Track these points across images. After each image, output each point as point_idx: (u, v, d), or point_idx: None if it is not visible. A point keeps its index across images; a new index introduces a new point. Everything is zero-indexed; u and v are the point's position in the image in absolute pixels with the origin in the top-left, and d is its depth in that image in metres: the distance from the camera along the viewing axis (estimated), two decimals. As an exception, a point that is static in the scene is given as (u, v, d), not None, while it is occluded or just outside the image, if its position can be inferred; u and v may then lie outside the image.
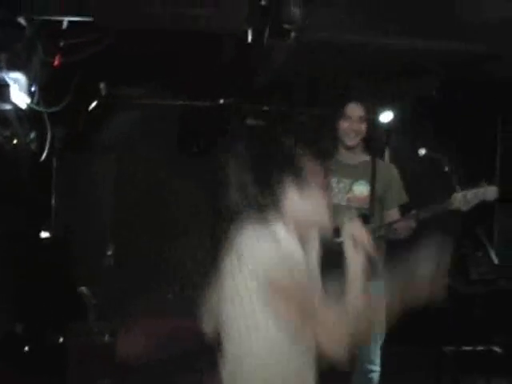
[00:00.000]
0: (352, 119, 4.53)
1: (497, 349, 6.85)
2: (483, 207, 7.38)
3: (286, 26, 4.10)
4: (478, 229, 5.60)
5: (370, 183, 4.59)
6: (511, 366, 6.44)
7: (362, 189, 4.60)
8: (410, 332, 7.59)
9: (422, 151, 5.10)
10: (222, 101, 7.71)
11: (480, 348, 6.35)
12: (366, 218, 4.41)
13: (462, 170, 5.52)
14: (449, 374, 6.51)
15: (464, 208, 4.22)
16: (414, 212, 4.45)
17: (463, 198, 4.21)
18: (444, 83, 7.14)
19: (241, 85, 6.87)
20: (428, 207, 4.39)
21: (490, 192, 4.21)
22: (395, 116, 8.12)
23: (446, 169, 5.12)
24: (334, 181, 4.54)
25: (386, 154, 8.34)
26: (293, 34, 4.20)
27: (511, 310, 6.59)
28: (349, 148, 4.61)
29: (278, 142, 2.81)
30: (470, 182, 4.33)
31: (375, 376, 4.60)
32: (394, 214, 4.70)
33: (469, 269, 6.43)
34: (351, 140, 4.55)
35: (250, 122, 8.17)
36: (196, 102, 7.99)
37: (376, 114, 4.68)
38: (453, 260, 6.57)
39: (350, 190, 4.59)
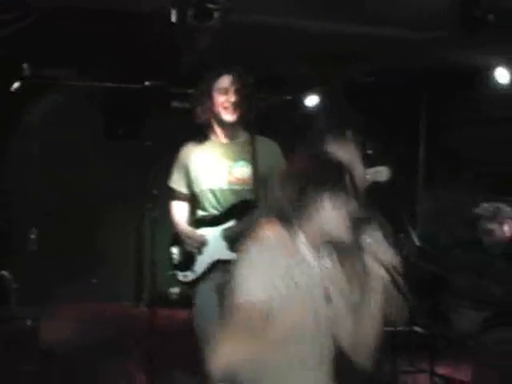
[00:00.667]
0: (227, 92, 4.11)
1: (418, 329, 7.00)
2: (406, 190, 7.52)
3: (210, 6, 4.04)
4: (401, 211, 5.68)
5: (250, 163, 4.20)
6: (432, 346, 6.59)
7: (242, 170, 4.22)
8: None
9: (347, 134, 5.15)
10: (147, 83, 7.64)
11: (401, 328, 6.46)
12: (248, 202, 4.16)
13: (387, 153, 5.64)
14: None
15: None
16: None
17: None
18: (372, 68, 7.24)
19: (167, 67, 6.81)
20: None
21: (380, 173, 4.07)
22: (322, 100, 8.22)
23: (370, 151, 5.19)
24: (211, 163, 4.21)
25: (310, 136, 8.40)
26: (217, 15, 4.15)
27: (432, 292, 6.73)
28: (226, 125, 4.18)
29: None
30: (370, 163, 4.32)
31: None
32: None
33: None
34: (230, 114, 4.11)
35: (175, 104, 8.12)
36: (122, 84, 7.90)
37: (252, 85, 4.23)
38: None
39: (230, 172, 4.20)
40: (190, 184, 4.31)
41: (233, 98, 4.10)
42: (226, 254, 4.09)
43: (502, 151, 7.20)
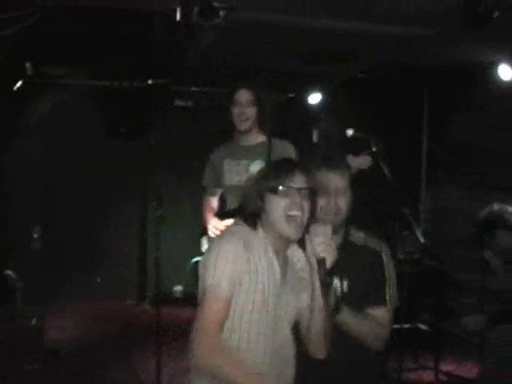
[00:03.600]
0: (241, 104, 4.66)
1: (422, 326, 7.00)
2: (409, 188, 7.51)
3: (216, 5, 4.09)
4: (405, 209, 5.66)
5: (266, 162, 4.61)
6: (436, 343, 6.59)
7: (259, 167, 4.45)
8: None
9: (350, 132, 5.15)
10: (150, 81, 7.65)
11: (406, 326, 6.46)
12: None
13: (389, 149, 5.63)
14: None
15: None
16: None
17: None
18: (371, 65, 7.23)
19: (170, 65, 6.82)
20: None
21: (363, 161, 4.46)
22: (323, 98, 8.21)
23: (374, 149, 5.18)
24: (233, 163, 4.73)
25: (315, 135, 8.42)
26: (222, 13, 4.18)
27: (436, 289, 6.74)
28: (242, 132, 4.74)
29: None
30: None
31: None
32: None
33: (396, 248, 6.53)
34: (243, 124, 4.68)
35: (178, 102, 8.13)
36: (124, 83, 7.90)
37: (265, 96, 4.77)
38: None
39: (248, 170, 4.68)
40: (217, 181, 4.86)
41: (245, 111, 4.66)
42: None
43: (506, 146, 7.18)
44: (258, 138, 4.79)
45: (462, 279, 7.75)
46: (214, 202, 4.97)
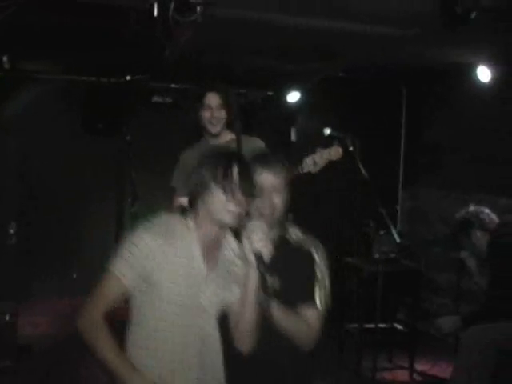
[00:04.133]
0: (211, 108, 4.63)
1: (398, 326, 7.03)
2: (387, 188, 7.53)
3: (192, 0, 4.07)
4: (381, 208, 5.68)
5: None
6: (411, 342, 6.61)
7: None
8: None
9: (327, 131, 5.16)
10: (128, 77, 7.61)
11: (382, 325, 6.48)
12: None
13: (367, 149, 5.64)
14: (352, 352, 6.64)
15: (314, 170, 4.32)
16: None
17: (312, 161, 4.32)
18: (350, 64, 7.24)
19: (148, 61, 6.78)
20: None
21: (333, 152, 4.34)
22: (302, 96, 8.22)
23: (351, 148, 5.20)
24: None
25: (292, 133, 8.42)
26: (199, 9, 4.17)
27: (412, 289, 6.76)
28: (212, 135, 4.71)
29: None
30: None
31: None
32: None
33: (372, 247, 6.55)
34: (214, 128, 4.65)
35: (156, 99, 8.10)
36: (102, 78, 7.86)
37: (232, 97, 4.75)
38: (356, 239, 6.67)
39: None
40: (187, 182, 4.60)
41: (216, 114, 4.61)
42: None
43: (484, 148, 7.22)
44: (227, 136, 4.76)
45: (437, 279, 7.79)
46: (184, 202, 4.91)
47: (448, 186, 7.85)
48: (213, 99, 4.62)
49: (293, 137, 8.39)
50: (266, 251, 2.78)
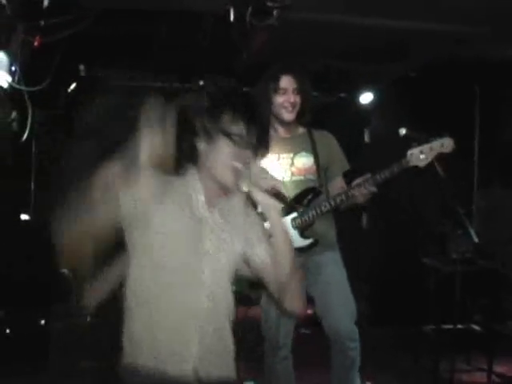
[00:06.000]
0: (287, 92, 4.27)
1: (475, 327, 6.94)
2: (463, 187, 7.43)
3: (270, 5, 4.06)
4: (458, 208, 5.63)
5: (311, 153, 4.38)
6: (489, 344, 6.52)
7: (304, 160, 4.40)
8: (391, 312, 7.68)
9: (403, 131, 5.13)
10: (201, 82, 7.69)
11: (459, 326, 6.41)
12: (315, 190, 4.34)
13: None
14: (428, 353, 6.58)
15: (421, 164, 4.11)
16: (369, 175, 4.17)
17: (419, 154, 4.10)
18: (422, 64, 7.19)
19: (223, 66, 6.85)
20: (384, 169, 4.17)
21: (446, 143, 4.11)
22: (375, 97, 8.18)
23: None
24: (274, 158, 4.35)
25: (366, 134, 8.39)
26: (275, 13, 4.18)
27: (489, 289, 6.67)
28: (285, 123, 4.37)
29: None
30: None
31: (354, 353, 4.47)
32: (339, 181, 4.51)
33: (449, 247, 6.48)
34: (289, 114, 4.30)
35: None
36: (175, 84, 7.95)
37: (308, 84, 4.41)
38: (433, 239, 6.62)
39: (292, 163, 4.38)
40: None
41: (292, 99, 4.26)
42: (298, 241, 4.24)
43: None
44: (298, 129, 4.48)
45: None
46: None
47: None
48: (289, 82, 4.28)
49: (366, 138, 8.36)
50: (280, 186, 2.76)
